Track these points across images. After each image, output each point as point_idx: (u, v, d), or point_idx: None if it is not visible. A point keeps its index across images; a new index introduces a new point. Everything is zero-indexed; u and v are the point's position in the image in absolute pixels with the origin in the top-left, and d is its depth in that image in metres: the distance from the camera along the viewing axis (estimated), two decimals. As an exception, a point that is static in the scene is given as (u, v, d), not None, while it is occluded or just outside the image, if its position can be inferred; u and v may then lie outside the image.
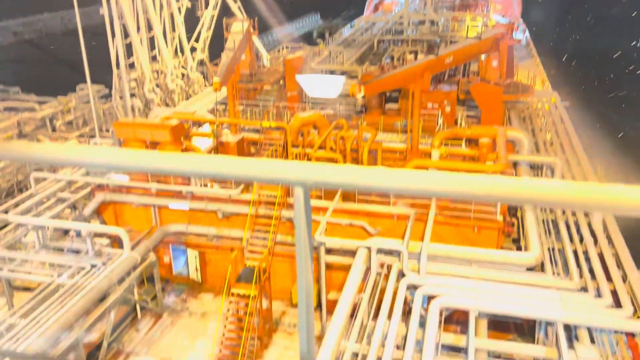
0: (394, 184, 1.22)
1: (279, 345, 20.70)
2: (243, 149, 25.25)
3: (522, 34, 51.17)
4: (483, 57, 30.04)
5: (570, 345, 15.08)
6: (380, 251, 19.21)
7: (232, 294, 19.58)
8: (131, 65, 32.74)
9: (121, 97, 35.75)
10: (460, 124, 27.76)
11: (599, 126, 45.42)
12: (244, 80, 30.20)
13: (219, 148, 24.82)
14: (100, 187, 23.82)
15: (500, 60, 28.13)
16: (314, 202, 22.08)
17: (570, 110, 33.86)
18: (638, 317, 15.57)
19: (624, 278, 17.24)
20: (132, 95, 36.56)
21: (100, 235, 23.29)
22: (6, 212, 22.47)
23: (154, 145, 23.56)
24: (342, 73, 33.22)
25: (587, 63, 68.93)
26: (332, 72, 33.22)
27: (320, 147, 24.15)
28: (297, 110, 28.47)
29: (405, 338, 15.42)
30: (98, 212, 24.15)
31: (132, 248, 20.97)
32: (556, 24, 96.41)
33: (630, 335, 15.50)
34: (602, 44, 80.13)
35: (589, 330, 15.86)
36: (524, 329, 20.00)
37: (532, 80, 34.18)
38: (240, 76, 28.63)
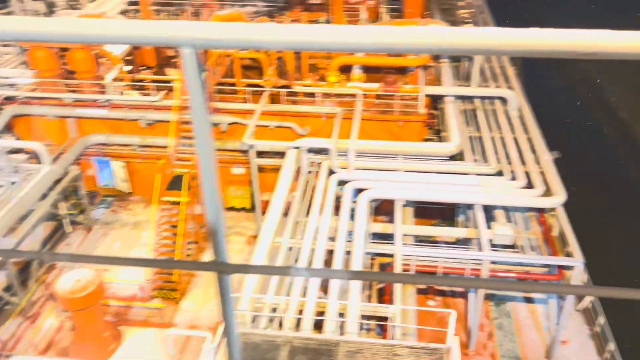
0: (307, 38, 1.13)
1: (216, 248, 21.09)
2: (160, 52, 23.97)
3: None
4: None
5: (489, 225, 16.34)
6: (310, 150, 19.48)
7: (163, 202, 19.45)
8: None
9: (21, 0, 32.37)
10: (383, 18, 27.46)
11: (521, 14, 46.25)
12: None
13: (134, 52, 23.41)
14: (10, 100, 22.17)
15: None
16: (241, 106, 21.70)
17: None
18: (547, 195, 16.96)
19: (537, 161, 18.53)
20: (31, -3, 33.17)
21: (16, 151, 22.01)
22: None
23: (63, 50, 21.89)
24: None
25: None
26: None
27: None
28: (215, 9, 26.99)
29: (336, 230, 16.10)
30: (10, 127, 22.64)
31: (53, 162, 20.08)
32: None
33: (541, 211, 16.96)
34: None
35: (505, 210, 17.19)
36: (447, 214, 21.38)
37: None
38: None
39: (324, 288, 14.59)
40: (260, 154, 20.76)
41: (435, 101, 23.22)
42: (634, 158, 31.91)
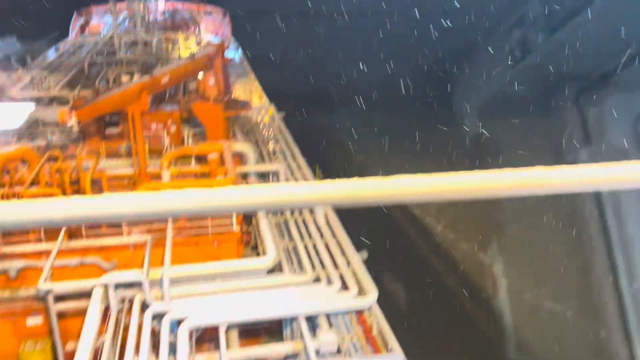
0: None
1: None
2: None
3: (234, 52, 53.89)
4: (201, 75, 30.57)
5: (314, 335, 16.29)
6: (119, 286, 17.87)
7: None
8: None
9: None
10: (187, 143, 27.77)
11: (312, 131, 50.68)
12: None
13: None
14: None
15: (217, 78, 29.03)
16: (34, 247, 19.46)
17: (287, 119, 36.92)
18: (362, 295, 17.68)
19: (348, 263, 19.44)
20: None
21: None
22: None
23: None
24: (51, 100, 30.12)
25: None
26: (38, 100, 29.81)
27: (33, 184, 21.41)
28: (-3, 145, 24.77)
29: (156, 371, 14.63)
30: None
31: None
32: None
33: (359, 312, 17.52)
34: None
35: (327, 316, 17.40)
36: (274, 330, 20.97)
37: (249, 95, 36.24)
38: None
39: None
40: (61, 298, 18.49)
41: (248, 218, 23.51)
42: (428, 247, 35.57)
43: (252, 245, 23.56)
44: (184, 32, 57.27)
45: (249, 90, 39.01)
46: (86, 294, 18.27)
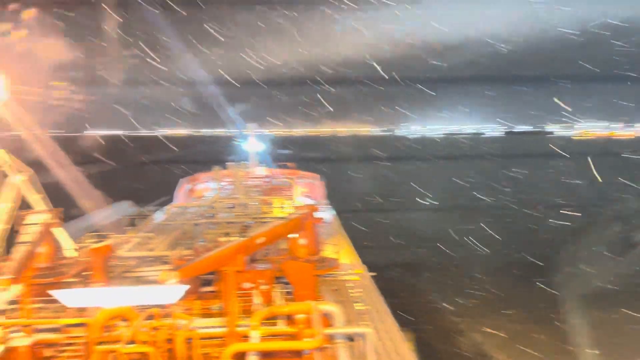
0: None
1: None
2: (36, 354, 21.99)
3: (326, 213, 55.90)
4: (292, 235, 31.63)
5: None
6: None
7: None
8: None
9: None
10: (277, 302, 27.95)
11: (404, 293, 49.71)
12: (41, 275, 27.42)
13: (5, 356, 21.27)
14: None
15: (308, 238, 29.88)
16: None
17: (378, 279, 36.53)
18: None
19: None
20: None
21: None
22: None
23: None
24: (154, 259, 32.14)
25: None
26: (142, 259, 31.94)
27: (131, 342, 22.10)
28: (103, 302, 26.21)
29: None
30: None
31: None
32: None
33: None
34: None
35: None
36: None
37: (339, 253, 36.66)
38: (37, 270, 26.03)
39: None
40: None
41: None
42: None
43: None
44: (280, 194, 60.99)
45: (339, 249, 39.51)
46: None
